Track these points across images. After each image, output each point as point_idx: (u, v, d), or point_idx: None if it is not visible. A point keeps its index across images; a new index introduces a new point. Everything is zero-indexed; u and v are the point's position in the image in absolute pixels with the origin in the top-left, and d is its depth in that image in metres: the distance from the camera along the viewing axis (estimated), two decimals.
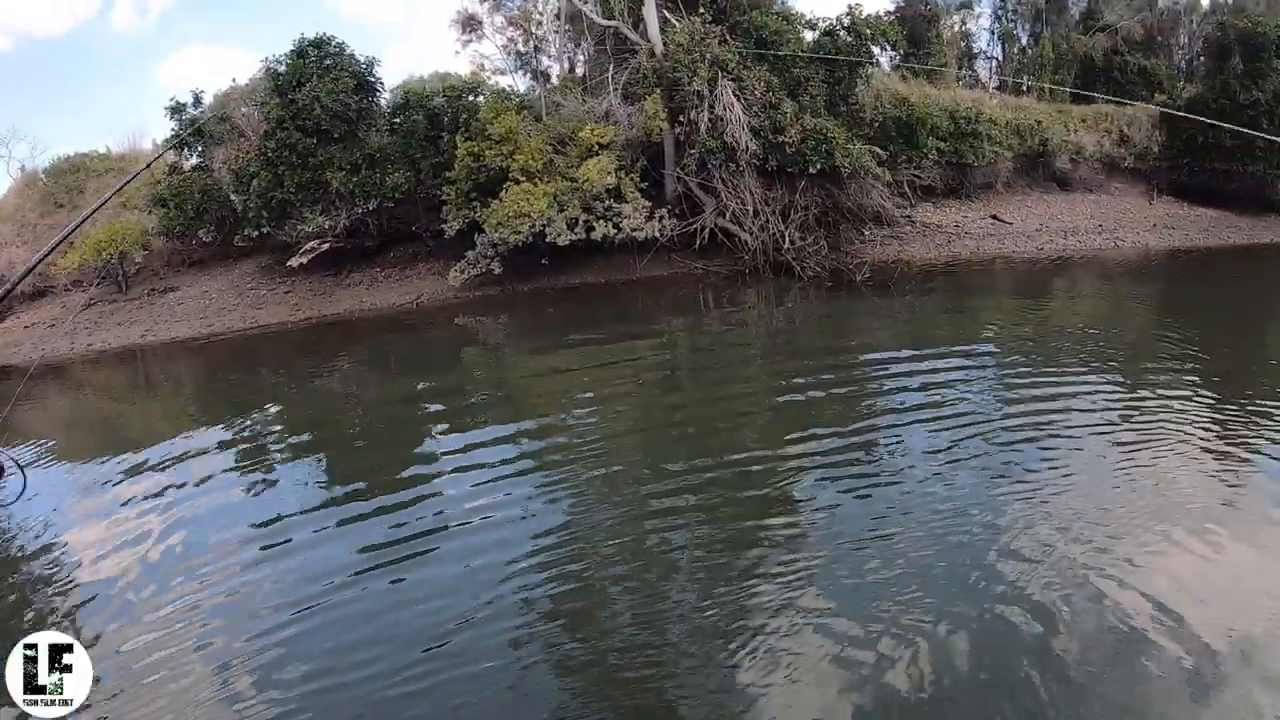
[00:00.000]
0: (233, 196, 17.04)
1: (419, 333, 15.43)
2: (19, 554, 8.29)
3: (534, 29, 21.24)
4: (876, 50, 19.53)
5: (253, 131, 17.96)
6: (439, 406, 11.40)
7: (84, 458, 11.23)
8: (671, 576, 6.01)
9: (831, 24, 18.61)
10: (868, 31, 18.44)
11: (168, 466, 9.92)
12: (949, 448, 7.76)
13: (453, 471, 8.52)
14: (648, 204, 16.22)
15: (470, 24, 22.39)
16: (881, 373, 10.87)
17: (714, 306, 15.86)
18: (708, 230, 16.87)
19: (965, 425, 8.28)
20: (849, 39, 18.37)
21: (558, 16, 21.42)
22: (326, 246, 16.66)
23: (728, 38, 17.33)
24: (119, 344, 17.49)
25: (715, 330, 14.47)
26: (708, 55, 16.74)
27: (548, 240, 15.55)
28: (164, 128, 19.80)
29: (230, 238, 17.96)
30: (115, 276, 18.64)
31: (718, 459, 7.93)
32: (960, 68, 24.41)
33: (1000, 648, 4.76)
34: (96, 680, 5.28)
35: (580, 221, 15.68)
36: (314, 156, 16.78)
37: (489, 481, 7.95)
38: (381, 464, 9.20)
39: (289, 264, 16.46)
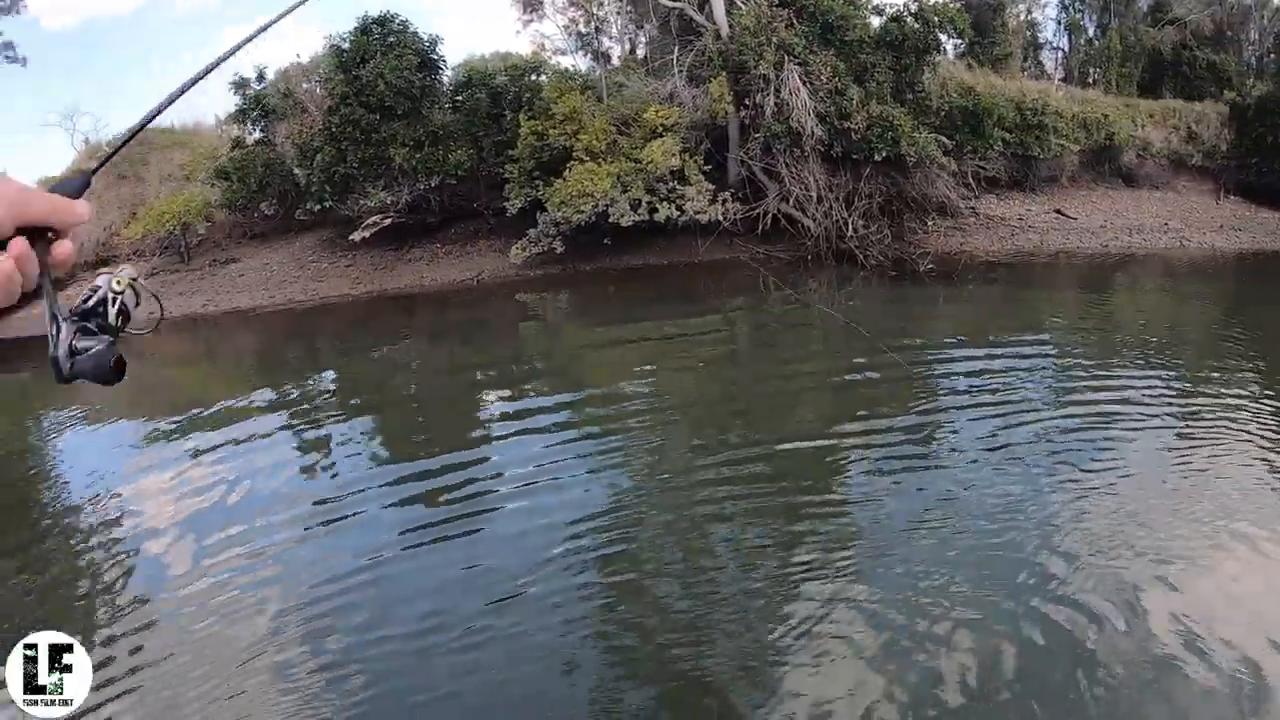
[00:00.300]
0: (296, 170, 17.14)
1: (479, 308, 15.47)
2: (80, 508, 8.48)
3: (595, 9, 21.09)
4: (943, 37, 19.16)
5: (315, 107, 18.05)
6: (497, 378, 11.51)
7: (145, 419, 11.50)
8: (722, 552, 6.00)
9: (898, 9, 18.27)
10: (935, 18, 18.06)
11: (228, 429, 10.12)
12: (1005, 439, 7.63)
13: (509, 440, 8.63)
14: (711, 187, 16.06)
15: (531, 3, 22.34)
16: (941, 362, 10.77)
17: (775, 291, 15.67)
18: (770, 215, 16.67)
19: (1022, 417, 8.15)
20: (916, 25, 18.00)
21: None
22: (389, 221, 16.73)
23: (794, 21, 17.09)
24: (181, 313, 17.72)
25: (775, 314, 14.35)
26: (774, 39, 16.53)
27: (610, 220, 15.46)
28: (227, 103, 19.94)
29: (292, 211, 18.10)
30: (178, 247, 18.88)
31: (773, 438, 7.92)
32: (1025, 58, 23.87)
33: (1048, 644, 4.61)
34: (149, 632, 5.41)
35: (643, 203, 15.57)
36: (377, 132, 16.83)
37: (545, 450, 8.01)
38: (439, 431, 9.32)
39: (351, 238, 16.55)
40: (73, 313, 0.96)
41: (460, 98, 17.72)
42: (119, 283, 1.01)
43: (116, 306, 1.00)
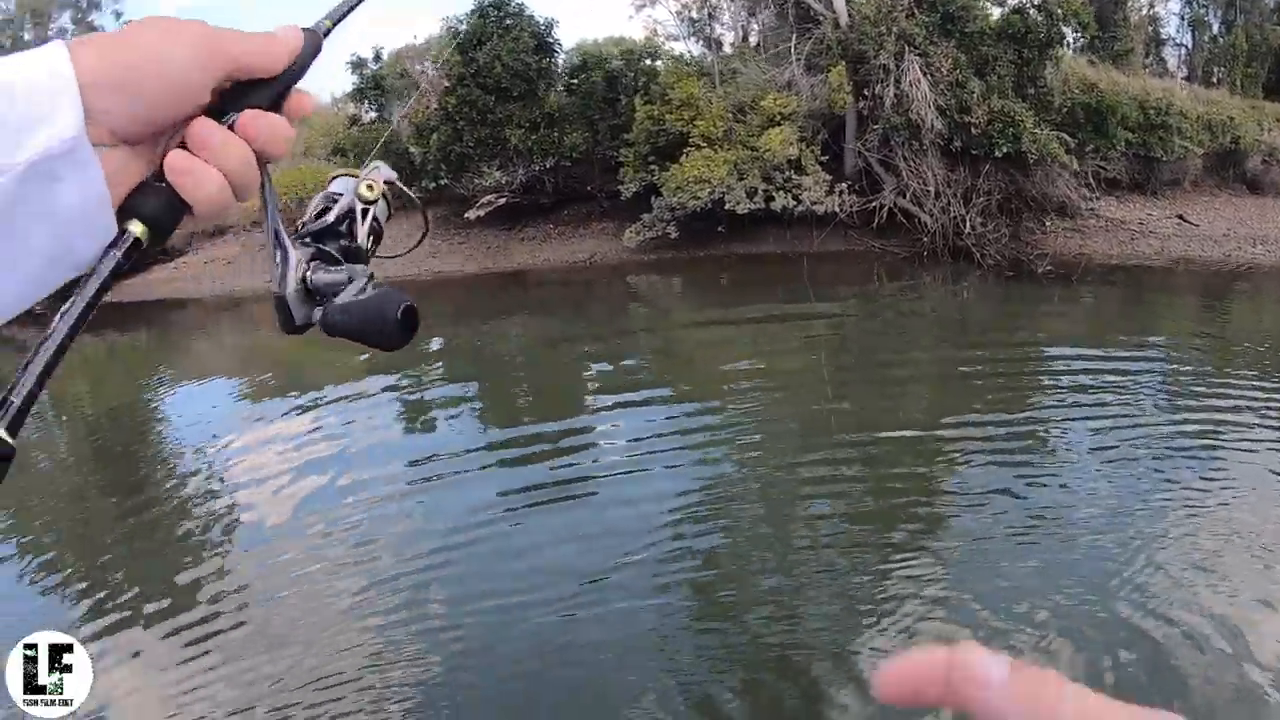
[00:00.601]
0: (412, 149, 17.48)
1: (591, 289, 15.67)
2: (187, 459, 8.92)
3: None
4: (1066, 31, 18.53)
5: (430, 87, 18.39)
6: (603, 358, 11.67)
7: (255, 380, 12.22)
8: (819, 541, 6.00)
9: (1021, 1, 17.77)
10: (1059, 11, 17.50)
11: (332, 395, 10.56)
12: (1115, 444, 7.37)
13: (613, 413, 8.85)
14: (828, 177, 15.87)
15: None
16: (1054, 365, 10.54)
17: (888, 285, 15.45)
18: (886, 209, 16.39)
19: (1135, 426, 7.86)
20: (1039, 18, 17.47)
21: None
22: (503, 201, 16.97)
23: (915, 11, 16.76)
24: None
25: (887, 309, 14.18)
26: (894, 28, 16.24)
27: (726, 208, 15.41)
28: (342, 81, 20.46)
29: (407, 188, 18.47)
30: (293, 220, 19.45)
31: (875, 432, 7.87)
32: (1147, 54, 22.95)
33: (1144, 661, 4.43)
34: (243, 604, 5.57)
35: (759, 191, 15.47)
36: (493, 113, 17.06)
37: (648, 424, 8.22)
38: (545, 402, 9.67)
39: (467, 216, 16.83)
40: (302, 232, 0.69)
41: (575, 81, 17.84)
42: (370, 188, 0.72)
43: (367, 223, 0.72)
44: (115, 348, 19.32)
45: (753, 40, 20.60)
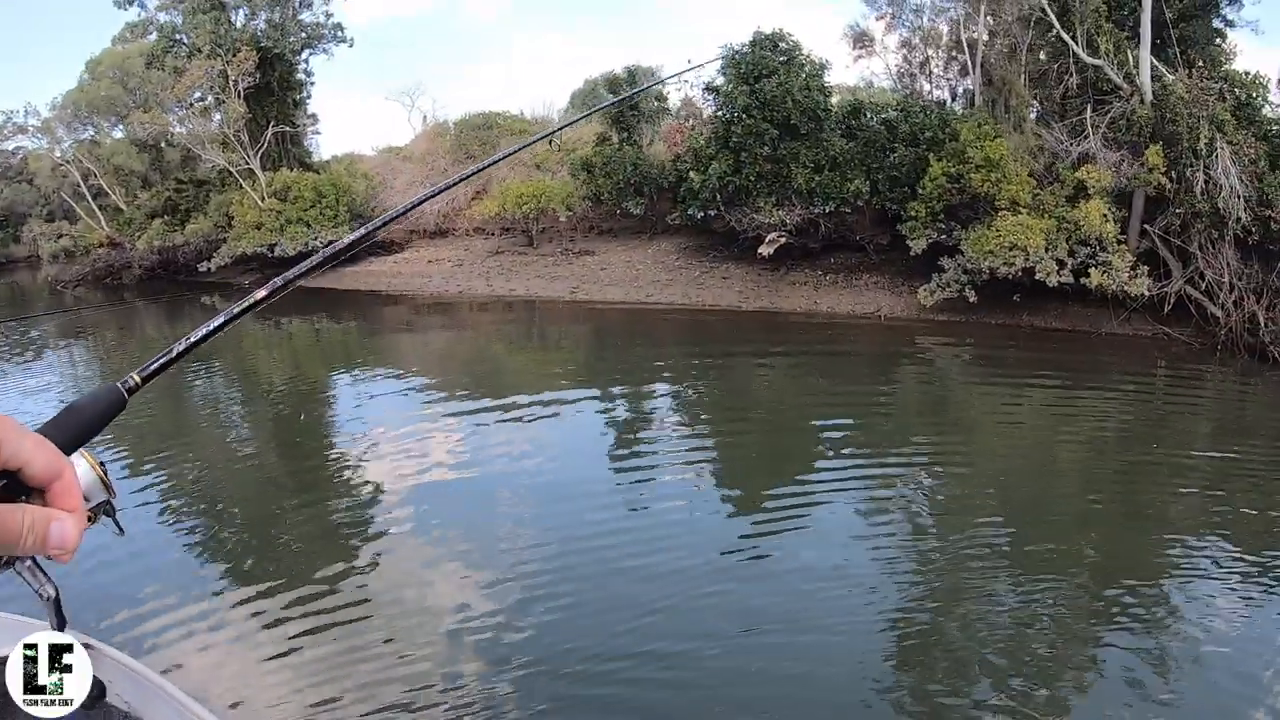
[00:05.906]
0: (692, 175, 16.80)
1: (884, 343, 14.99)
2: (359, 449, 9.78)
3: (933, 50, 20.49)
4: None
5: (694, 117, 17.87)
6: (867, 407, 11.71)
7: (447, 386, 12.61)
8: (1031, 650, 5.73)
9: None
10: None
11: (534, 413, 11.13)
12: None
13: (842, 468, 9.06)
14: (1132, 257, 15.29)
15: (862, 40, 21.95)
16: None
17: (1172, 379, 14.78)
18: (1174, 296, 15.79)
19: None
20: None
21: (956, 43, 20.73)
22: (783, 240, 16.29)
23: (1225, 95, 16.38)
24: (522, 294, 17.62)
25: (1164, 406, 13.52)
26: (1204, 113, 15.83)
27: (1036, 277, 14.78)
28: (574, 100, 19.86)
29: (655, 213, 17.86)
30: (527, 231, 18.78)
31: (1115, 554, 7.33)
32: None
33: None
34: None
35: (1067, 264, 14.88)
36: (777, 149, 16.47)
37: (876, 489, 8.46)
38: (771, 455, 9.67)
39: (759, 253, 16.12)
40: None
41: (853, 125, 17.29)
42: None
43: None
44: (323, 334, 18.63)
45: (958, 105, 19.69)
